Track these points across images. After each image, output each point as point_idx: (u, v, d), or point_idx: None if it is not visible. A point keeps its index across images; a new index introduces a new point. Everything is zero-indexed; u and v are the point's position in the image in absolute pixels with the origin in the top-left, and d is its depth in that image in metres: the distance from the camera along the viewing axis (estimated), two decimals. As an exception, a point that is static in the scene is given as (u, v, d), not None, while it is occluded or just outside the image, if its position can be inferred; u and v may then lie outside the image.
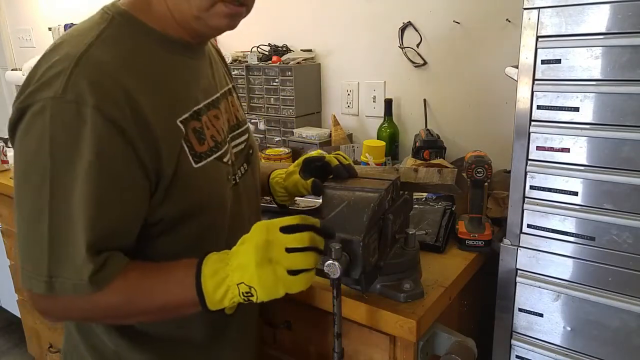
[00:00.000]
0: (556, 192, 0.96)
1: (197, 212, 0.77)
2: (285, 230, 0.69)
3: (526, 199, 1.00)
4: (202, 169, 0.77)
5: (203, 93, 0.82)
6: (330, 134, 1.83)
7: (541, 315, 1.03)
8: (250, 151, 0.96)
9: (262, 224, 0.71)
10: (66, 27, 2.60)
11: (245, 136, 0.95)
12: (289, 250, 0.68)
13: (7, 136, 0.90)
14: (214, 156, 0.80)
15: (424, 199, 1.34)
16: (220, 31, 0.78)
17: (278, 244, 0.68)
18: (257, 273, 0.67)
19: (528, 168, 0.98)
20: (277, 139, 1.97)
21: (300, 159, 1.03)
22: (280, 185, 1.04)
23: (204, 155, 0.78)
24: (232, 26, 0.76)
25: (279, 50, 1.99)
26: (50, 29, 2.76)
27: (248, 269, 0.67)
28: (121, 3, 0.76)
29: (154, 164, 0.70)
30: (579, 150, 0.92)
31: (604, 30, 0.85)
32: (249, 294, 0.68)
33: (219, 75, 0.91)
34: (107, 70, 0.67)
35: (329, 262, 0.76)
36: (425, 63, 1.70)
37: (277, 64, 1.90)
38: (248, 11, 0.78)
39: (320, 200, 1.02)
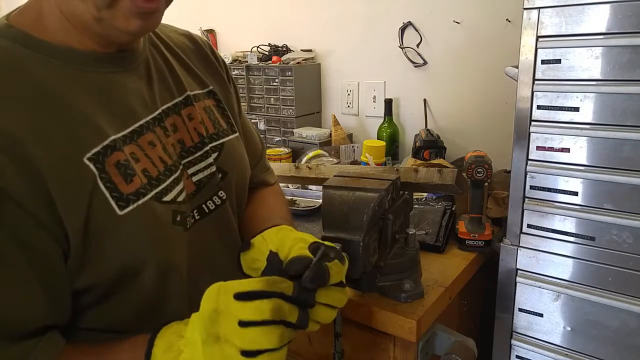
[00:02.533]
0: (556, 192, 0.96)
1: (136, 271, 0.62)
2: (241, 297, 0.53)
3: (526, 199, 1.00)
4: (131, 215, 0.60)
5: (130, 115, 0.65)
6: (330, 134, 1.83)
7: (541, 315, 1.03)
8: (220, 175, 0.76)
9: (214, 288, 0.55)
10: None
11: (214, 155, 0.76)
12: (243, 324, 0.52)
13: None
14: (149, 196, 0.62)
15: (424, 199, 1.34)
16: (135, 35, 0.63)
17: (229, 316, 0.52)
18: (204, 354, 0.53)
19: (528, 168, 0.98)
20: (277, 139, 1.97)
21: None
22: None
23: (133, 197, 0.61)
24: (148, 26, 0.61)
25: (279, 50, 1.99)
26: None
27: (195, 347, 0.53)
28: (11, 17, 0.61)
29: (53, 219, 0.55)
30: (579, 150, 0.92)
31: (604, 30, 0.85)
32: None
33: (164, 85, 0.72)
34: None
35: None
36: (425, 63, 1.70)
37: (277, 64, 1.90)
38: (168, 3, 0.62)
39: (321, 201, 1.02)
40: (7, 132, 0.53)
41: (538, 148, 0.96)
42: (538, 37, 0.91)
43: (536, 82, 0.94)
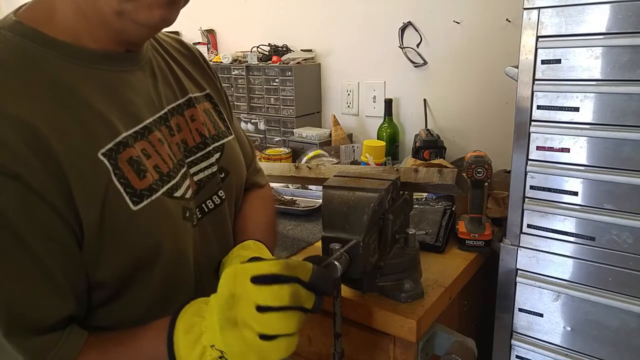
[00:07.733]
0: (556, 192, 0.96)
1: (149, 266, 0.63)
2: (259, 280, 0.53)
3: (526, 199, 1.00)
4: (144, 211, 0.61)
5: (140, 113, 0.66)
6: (330, 134, 1.83)
7: (541, 315, 1.03)
8: (222, 175, 0.78)
9: (230, 271, 0.55)
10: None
11: (216, 155, 0.78)
12: (261, 309, 0.52)
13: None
14: (161, 191, 0.64)
15: (424, 199, 1.34)
16: (154, 28, 0.64)
17: (246, 301, 0.53)
18: (222, 338, 0.53)
19: (528, 168, 0.98)
20: (277, 139, 1.97)
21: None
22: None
23: (146, 193, 0.62)
24: (168, 19, 0.60)
25: (279, 50, 1.99)
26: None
27: (214, 331, 0.54)
28: (19, 13, 0.61)
29: (69, 210, 0.55)
30: (579, 150, 0.92)
31: (604, 30, 0.85)
32: None
33: (168, 86, 0.74)
34: None
35: (329, 261, 0.76)
36: (425, 63, 1.70)
37: (277, 64, 1.90)
38: (186, 1, 0.63)
39: (320, 201, 1.02)
40: (29, 124, 0.53)
41: (538, 148, 0.96)
42: (538, 37, 0.91)
43: (536, 82, 0.94)
